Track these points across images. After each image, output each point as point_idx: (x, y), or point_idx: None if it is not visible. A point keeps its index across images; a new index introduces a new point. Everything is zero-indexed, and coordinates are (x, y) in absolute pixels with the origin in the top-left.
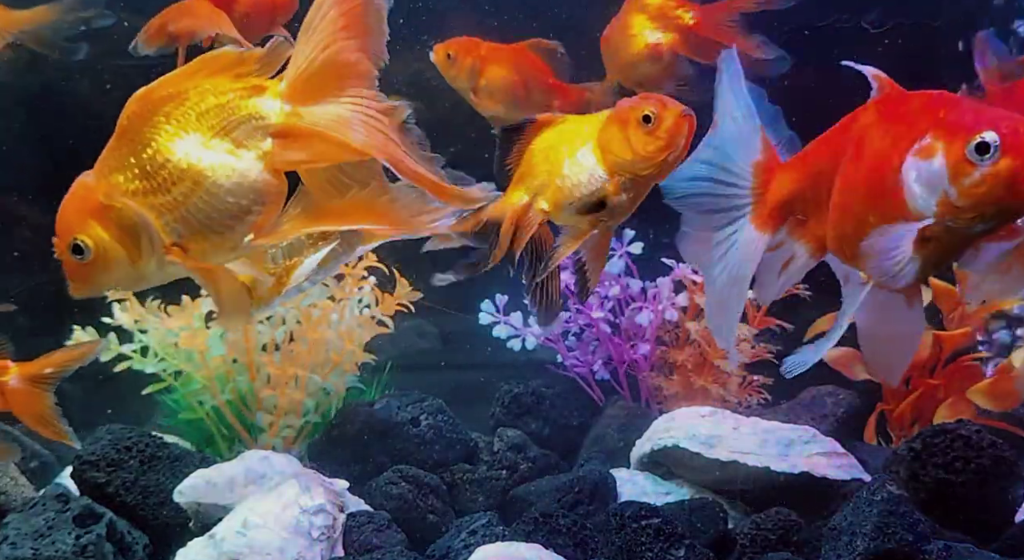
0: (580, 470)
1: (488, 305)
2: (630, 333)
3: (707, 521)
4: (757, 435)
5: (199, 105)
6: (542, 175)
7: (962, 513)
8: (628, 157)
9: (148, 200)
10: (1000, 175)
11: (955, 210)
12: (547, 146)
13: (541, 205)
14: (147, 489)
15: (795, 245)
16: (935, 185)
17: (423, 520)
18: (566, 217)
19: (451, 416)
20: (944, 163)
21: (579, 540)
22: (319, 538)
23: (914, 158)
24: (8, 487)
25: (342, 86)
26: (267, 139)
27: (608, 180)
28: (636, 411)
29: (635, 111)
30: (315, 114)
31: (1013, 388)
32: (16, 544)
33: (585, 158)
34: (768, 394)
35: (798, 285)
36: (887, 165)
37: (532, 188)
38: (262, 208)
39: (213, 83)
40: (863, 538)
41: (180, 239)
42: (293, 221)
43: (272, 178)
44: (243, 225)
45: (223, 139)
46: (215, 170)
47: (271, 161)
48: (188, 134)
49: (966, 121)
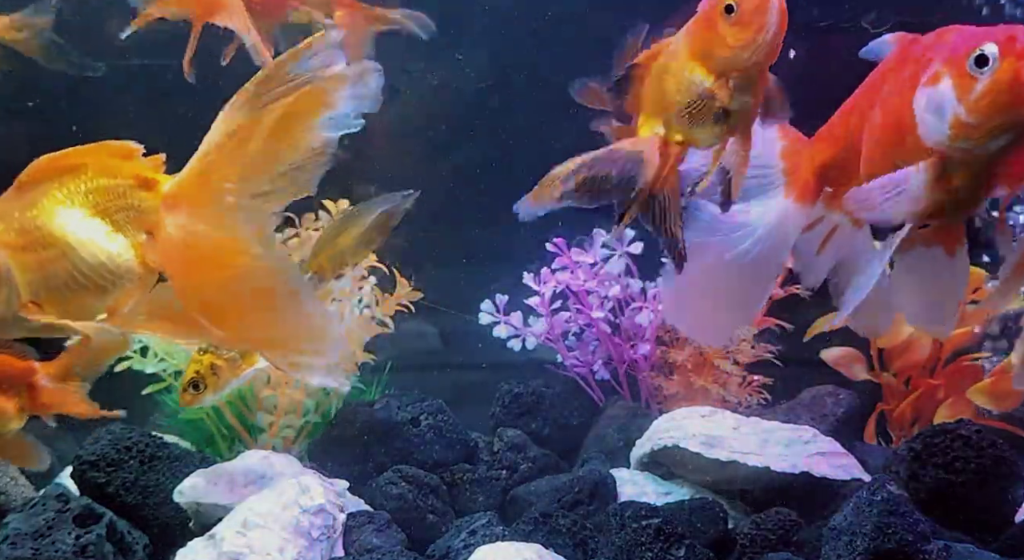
0: (580, 470)
1: (488, 305)
2: (630, 333)
3: (707, 521)
4: (757, 435)
5: (91, 182)
6: (660, 109)
7: (962, 513)
8: (726, 55)
9: (18, 256)
10: (1002, 81)
11: (967, 128)
12: (656, 78)
13: (675, 137)
14: (147, 489)
15: (835, 217)
16: (945, 108)
17: (423, 520)
18: (701, 138)
19: (451, 416)
20: (950, 84)
21: (579, 540)
22: (319, 538)
23: (924, 88)
24: (8, 487)
25: (226, 197)
26: (143, 233)
27: (718, 86)
28: (636, 411)
29: (715, 7)
30: (179, 230)
31: (1013, 388)
32: (16, 544)
33: (688, 74)
34: (768, 394)
35: (798, 285)
36: (905, 105)
37: (656, 125)
38: (120, 292)
39: (114, 165)
40: (863, 538)
41: (37, 298)
42: (145, 317)
43: (138, 268)
44: (99, 302)
45: (102, 219)
46: (84, 245)
47: (141, 253)
48: (72, 206)
49: (964, 41)
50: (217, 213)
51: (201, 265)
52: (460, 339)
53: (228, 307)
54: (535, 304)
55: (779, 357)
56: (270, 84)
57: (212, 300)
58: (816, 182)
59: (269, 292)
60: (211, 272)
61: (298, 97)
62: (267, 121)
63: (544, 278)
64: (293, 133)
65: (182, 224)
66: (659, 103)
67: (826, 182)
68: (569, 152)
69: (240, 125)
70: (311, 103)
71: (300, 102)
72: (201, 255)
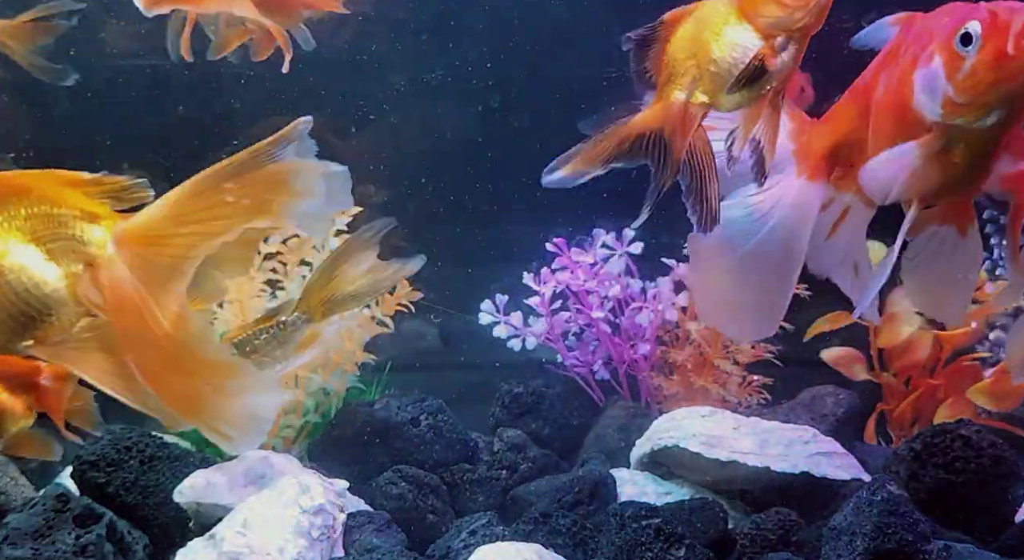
0: (580, 470)
1: (488, 305)
2: (630, 333)
3: (707, 521)
4: (757, 435)
5: (33, 207)
6: (691, 69)
7: (962, 513)
8: (778, 14)
9: None
10: (985, 60)
11: (958, 107)
12: (687, 38)
13: (700, 99)
14: (147, 489)
15: (845, 198)
16: (936, 87)
17: (423, 520)
18: (730, 101)
19: (451, 416)
20: (940, 63)
21: (579, 540)
22: (319, 538)
23: (920, 69)
24: (8, 487)
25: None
26: (81, 265)
27: (763, 45)
28: (636, 411)
29: None
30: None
31: (1013, 388)
32: (16, 544)
33: (734, 32)
34: (768, 394)
35: (798, 285)
36: (907, 84)
37: (684, 85)
38: (49, 323)
39: (58, 193)
40: (863, 538)
41: None
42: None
43: (69, 300)
44: (26, 330)
45: (39, 246)
46: (15, 270)
47: (75, 285)
48: (9, 229)
49: (953, 19)
50: (160, 265)
51: (134, 311)
52: (460, 339)
53: (146, 360)
54: (535, 304)
55: (779, 357)
56: (245, 164)
57: (135, 348)
58: (827, 161)
59: (187, 358)
60: (140, 320)
61: (265, 184)
62: (230, 198)
63: (544, 278)
64: (250, 216)
65: (128, 264)
66: (687, 63)
67: (836, 162)
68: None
69: (206, 192)
70: (276, 193)
71: (266, 189)
72: (136, 300)
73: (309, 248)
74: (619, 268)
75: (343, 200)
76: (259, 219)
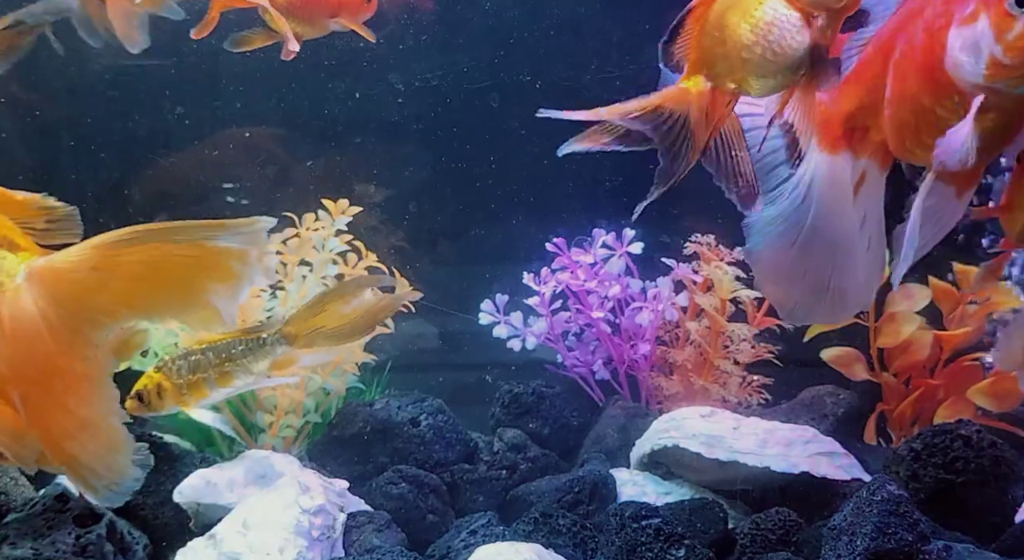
0: (580, 470)
1: (488, 305)
2: (630, 333)
3: (707, 521)
4: (757, 435)
5: None
6: (721, 57)
7: (962, 513)
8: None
9: None
10: None
11: (1004, 70)
12: (717, 23)
13: (728, 86)
14: (147, 489)
15: (861, 164)
16: (981, 48)
17: (423, 520)
18: (765, 86)
19: (451, 416)
20: (987, 23)
21: (579, 540)
22: (319, 538)
23: (958, 28)
24: (8, 487)
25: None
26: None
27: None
28: (636, 411)
29: None
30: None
31: (1013, 388)
32: (16, 544)
33: (773, 13)
34: (768, 394)
35: None
36: (936, 43)
37: (713, 72)
38: None
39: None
40: (863, 538)
41: None
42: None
43: None
44: None
45: None
46: None
47: None
48: None
49: None
50: (69, 310)
51: (28, 345)
52: (460, 339)
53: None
54: (535, 304)
55: (779, 357)
56: (184, 233)
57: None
58: (844, 129)
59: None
60: (32, 355)
61: (199, 256)
62: (161, 260)
63: (544, 278)
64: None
65: (34, 300)
66: (718, 47)
67: (854, 127)
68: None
69: (135, 246)
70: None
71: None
72: (33, 336)
73: (309, 248)
74: (619, 268)
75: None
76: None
